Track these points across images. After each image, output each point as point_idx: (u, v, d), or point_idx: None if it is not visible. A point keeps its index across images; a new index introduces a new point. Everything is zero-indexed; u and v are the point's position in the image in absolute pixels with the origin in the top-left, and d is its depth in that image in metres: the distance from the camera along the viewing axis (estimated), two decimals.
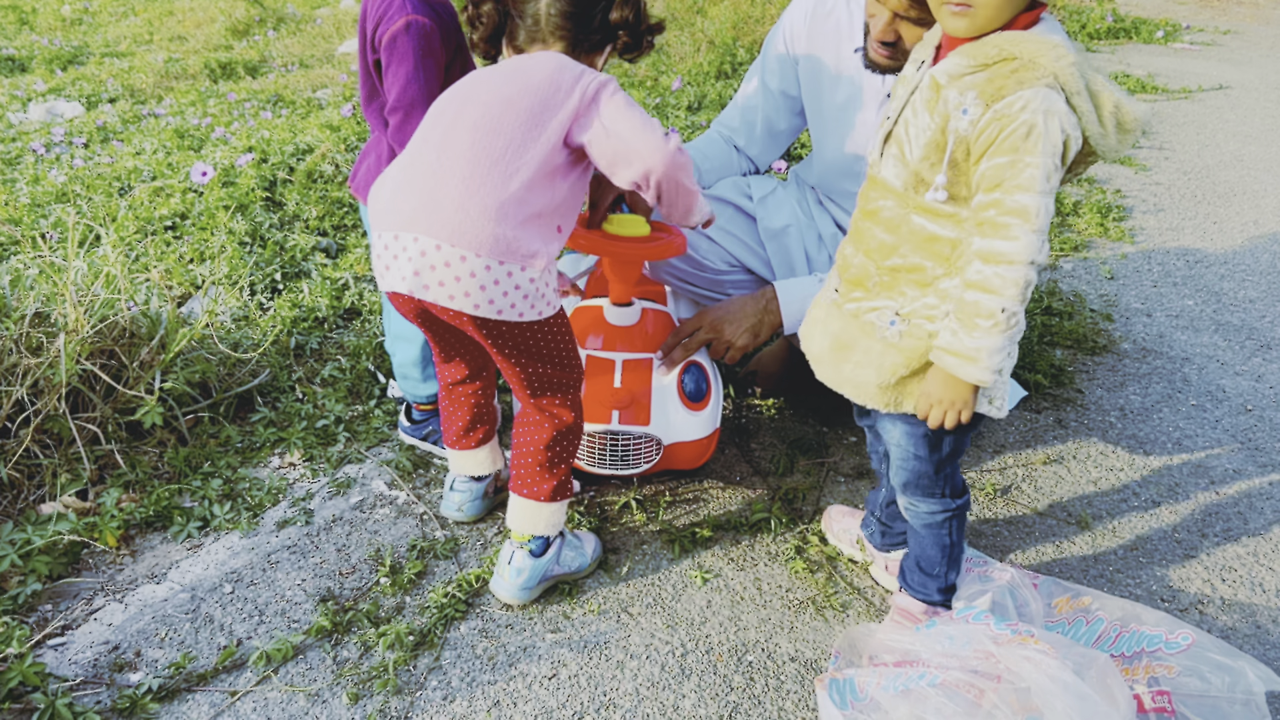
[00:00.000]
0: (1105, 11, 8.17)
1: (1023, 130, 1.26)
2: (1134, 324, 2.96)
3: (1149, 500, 2.15)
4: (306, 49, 7.46)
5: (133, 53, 7.64)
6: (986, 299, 1.31)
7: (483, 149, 1.49)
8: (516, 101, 1.53)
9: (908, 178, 1.39)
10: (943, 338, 1.38)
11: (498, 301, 1.49)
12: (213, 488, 2.08)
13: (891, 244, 1.43)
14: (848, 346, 1.51)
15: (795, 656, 1.71)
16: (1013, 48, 1.28)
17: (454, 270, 1.47)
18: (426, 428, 2.23)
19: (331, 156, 3.82)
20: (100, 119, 5.19)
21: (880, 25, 1.87)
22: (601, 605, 1.81)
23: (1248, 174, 4.42)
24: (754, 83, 2.30)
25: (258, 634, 1.73)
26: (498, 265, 1.47)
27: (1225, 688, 1.48)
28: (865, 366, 1.49)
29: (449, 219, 1.47)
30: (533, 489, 1.74)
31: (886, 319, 1.46)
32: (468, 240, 1.46)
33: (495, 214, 1.46)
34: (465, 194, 1.47)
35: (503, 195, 1.47)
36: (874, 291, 1.47)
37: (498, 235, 1.46)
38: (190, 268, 2.97)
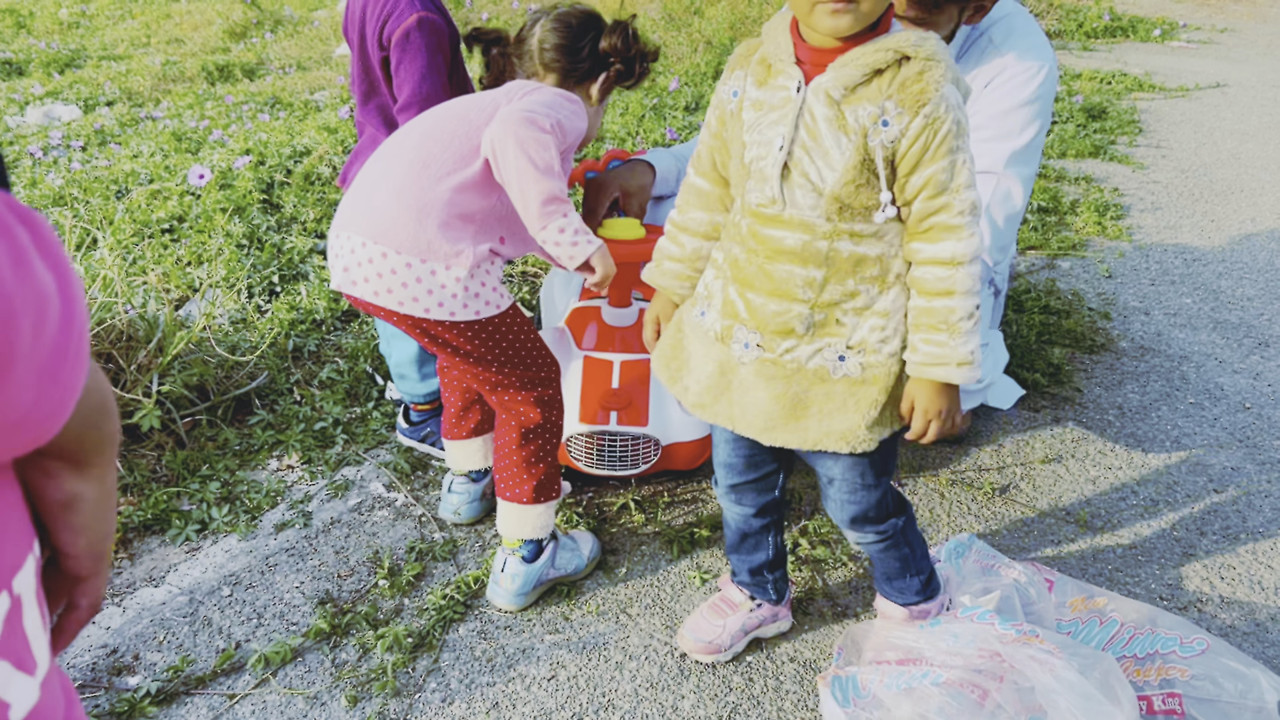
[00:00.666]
0: (1102, 10, 8.17)
1: (953, 130, 1.22)
2: (1132, 322, 2.96)
3: (1147, 499, 2.15)
4: (304, 51, 7.46)
5: (130, 56, 7.63)
6: (959, 302, 1.27)
7: (420, 153, 1.54)
8: (466, 114, 1.58)
9: (826, 206, 1.28)
10: (925, 351, 1.30)
11: (422, 300, 1.52)
12: (211, 491, 2.08)
13: (821, 278, 1.31)
14: (801, 401, 1.36)
15: (794, 656, 1.71)
16: (905, 47, 1.22)
17: (376, 267, 1.52)
18: (425, 429, 2.22)
19: (329, 158, 3.82)
20: (98, 122, 5.19)
21: None
22: (600, 606, 1.81)
23: (1245, 172, 4.42)
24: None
25: (256, 637, 1.73)
26: (419, 263, 1.51)
27: (1237, 695, 1.47)
28: (840, 413, 1.36)
29: (376, 218, 1.53)
30: (514, 491, 1.74)
31: (835, 356, 1.34)
32: (389, 238, 1.51)
33: (417, 213, 1.50)
34: (394, 195, 1.52)
35: (428, 196, 1.51)
36: (810, 334, 1.34)
37: (417, 234, 1.50)
38: (188, 270, 2.97)
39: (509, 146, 1.45)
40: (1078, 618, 1.70)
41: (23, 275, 0.45)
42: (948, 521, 2.06)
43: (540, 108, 1.52)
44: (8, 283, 0.43)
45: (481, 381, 1.70)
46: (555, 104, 1.56)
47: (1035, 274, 3.27)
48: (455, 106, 1.61)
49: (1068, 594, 1.76)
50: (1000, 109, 1.98)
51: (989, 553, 1.83)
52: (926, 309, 1.29)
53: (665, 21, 7.45)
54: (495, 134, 1.48)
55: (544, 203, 1.47)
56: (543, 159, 1.46)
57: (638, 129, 4.37)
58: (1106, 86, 5.94)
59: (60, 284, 0.49)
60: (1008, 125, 1.98)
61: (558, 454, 1.77)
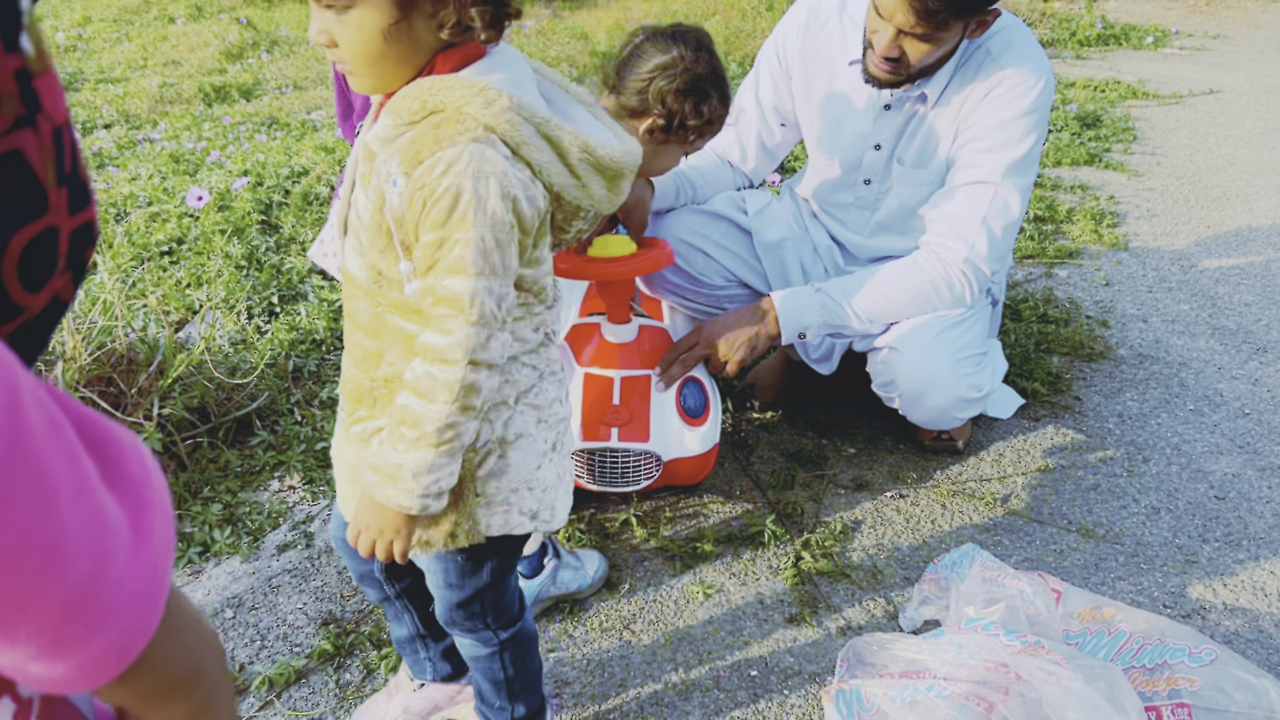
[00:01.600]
0: (1095, 18, 8.22)
1: (448, 200, 0.99)
2: (1130, 330, 2.97)
3: (1149, 506, 2.15)
4: (300, 71, 7.49)
5: (127, 78, 7.66)
6: (418, 404, 1.04)
7: None
8: None
9: (369, 271, 1.11)
10: (373, 452, 1.10)
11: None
12: (213, 513, 2.08)
13: (376, 350, 1.14)
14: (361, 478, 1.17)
15: (799, 670, 1.70)
16: (435, 98, 1.02)
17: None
18: None
19: (326, 178, 3.83)
20: (96, 145, 5.21)
21: (884, 41, 1.89)
22: (603, 623, 1.81)
23: (1240, 178, 4.44)
24: (747, 98, 2.30)
25: (260, 659, 1.73)
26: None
27: (1246, 705, 1.47)
28: None
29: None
30: None
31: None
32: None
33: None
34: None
35: None
36: (377, 408, 1.17)
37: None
38: (187, 292, 2.98)
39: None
40: (1086, 628, 1.70)
41: (79, 509, 0.42)
42: (949, 532, 2.06)
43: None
44: (56, 519, 0.40)
45: None
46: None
47: (1033, 283, 3.28)
48: None
49: (1076, 604, 1.76)
50: (998, 120, 1.99)
51: (993, 563, 1.83)
52: (399, 404, 1.06)
53: None
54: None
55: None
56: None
57: None
58: (1100, 94, 5.96)
59: (135, 519, 0.46)
60: (1005, 136, 1.99)
61: None
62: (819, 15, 2.14)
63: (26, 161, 0.44)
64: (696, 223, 2.25)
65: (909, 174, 2.13)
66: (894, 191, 2.17)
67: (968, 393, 2.06)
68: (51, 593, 0.41)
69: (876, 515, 2.12)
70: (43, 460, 0.40)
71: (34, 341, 0.49)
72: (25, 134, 0.43)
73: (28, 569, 0.39)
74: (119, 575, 0.44)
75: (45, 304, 0.48)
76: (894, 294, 2.05)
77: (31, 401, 0.40)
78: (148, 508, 0.48)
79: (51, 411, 0.42)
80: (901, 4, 1.80)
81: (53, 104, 0.46)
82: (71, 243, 0.49)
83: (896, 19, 1.83)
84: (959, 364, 2.03)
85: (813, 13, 2.15)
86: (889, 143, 2.12)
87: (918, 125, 2.08)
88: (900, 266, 2.07)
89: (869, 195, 2.22)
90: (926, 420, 2.14)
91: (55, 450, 0.41)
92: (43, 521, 0.39)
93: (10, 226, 0.44)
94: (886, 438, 2.40)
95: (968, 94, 2.01)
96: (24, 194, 0.44)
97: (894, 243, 2.23)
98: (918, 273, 2.04)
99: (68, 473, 0.41)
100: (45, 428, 0.40)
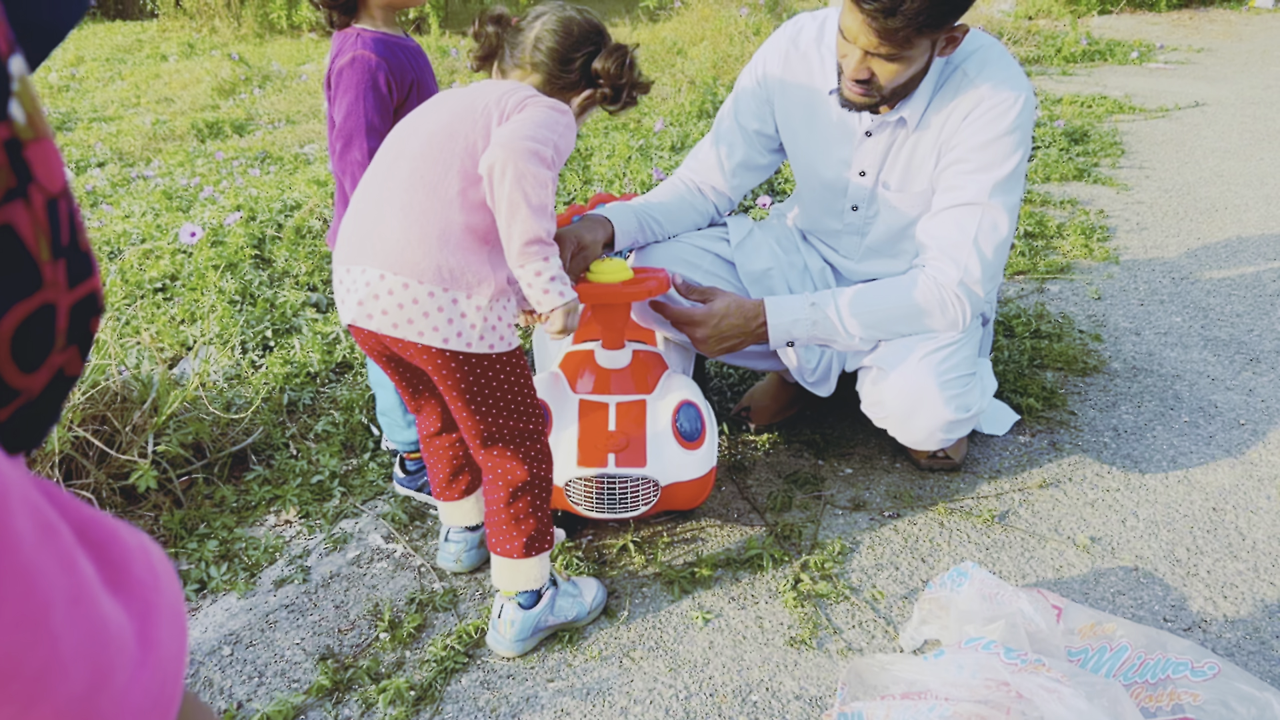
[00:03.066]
0: (1080, 35, 8.29)
1: None
2: (1123, 343, 2.97)
3: (1147, 520, 2.15)
4: (292, 105, 7.54)
5: (120, 116, 7.70)
6: None
7: (420, 177, 1.52)
8: (456, 130, 1.54)
9: None
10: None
11: (442, 329, 1.50)
12: (209, 549, 2.07)
13: None
14: None
15: (800, 694, 1.70)
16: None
17: (397, 298, 1.49)
18: (421, 478, 2.23)
19: (319, 211, 3.85)
20: (89, 183, 5.23)
21: (853, 64, 1.90)
22: (603, 651, 1.80)
23: (1228, 189, 4.46)
24: (728, 122, 2.30)
25: (258, 696, 1.72)
26: (441, 292, 1.49)
27: (1251, 719, 1.46)
28: None
29: (390, 248, 1.50)
30: (505, 547, 1.72)
31: None
32: (410, 268, 1.49)
33: (436, 241, 1.49)
34: (405, 222, 1.50)
35: (442, 222, 1.49)
36: None
37: (439, 262, 1.48)
38: (181, 329, 2.98)
39: (507, 177, 1.44)
40: (1087, 644, 1.69)
41: (75, 620, 0.39)
42: (948, 550, 2.06)
43: (540, 132, 1.48)
44: (48, 634, 0.37)
45: (474, 432, 1.67)
46: (551, 123, 1.52)
47: (1025, 298, 3.29)
48: (438, 121, 1.58)
49: (1077, 621, 1.75)
50: (980, 140, 2.00)
51: (992, 581, 1.82)
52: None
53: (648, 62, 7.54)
54: (496, 159, 1.45)
55: (527, 243, 1.47)
56: (538, 197, 1.45)
57: (625, 170, 4.40)
58: (1087, 110, 6.01)
59: (141, 627, 0.43)
60: (989, 156, 2.00)
61: (548, 507, 1.76)
62: (799, 45, 2.16)
63: (18, 236, 0.42)
64: (684, 253, 2.25)
65: (895, 198, 2.14)
66: (882, 216, 2.18)
67: (955, 414, 2.05)
68: (42, 714, 0.38)
69: (874, 535, 2.12)
70: (33, 571, 0.37)
71: (39, 421, 0.47)
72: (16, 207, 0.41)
73: (16, 691, 0.37)
74: (122, 691, 0.41)
75: (47, 382, 0.46)
76: (888, 313, 2.05)
77: (20, 508, 0.37)
78: (155, 614, 0.45)
79: (45, 516, 0.39)
80: (863, 26, 1.81)
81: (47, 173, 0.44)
82: (73, 316, 0.46)
83: (860, 41, 1.85)
84: (946, 385, 2.03)
85: (793, 43, 2.17)
86: (873, 169, 2.14)
87: (899, 149, 2.09)
88: (896, 285, 2.06)
89: (857, 221, 2.23)
90: (915, 441, 2.14)
91: (48, 558, 0.38)
92: (32, 639, 0.37)
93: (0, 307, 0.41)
94: (883, 457, 2.40)
95: (947, 116, 2.02)
96: (16, 271, 0.42)
97: (886, 266, 2.24)
98: (913, 292, 2.04)
99: (62, 582, 0.39)
100: (36, 535, 0.38)
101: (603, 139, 5.11)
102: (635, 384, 2.04)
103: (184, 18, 12.62)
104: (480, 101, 1.57)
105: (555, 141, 1.50)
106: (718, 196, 2.36)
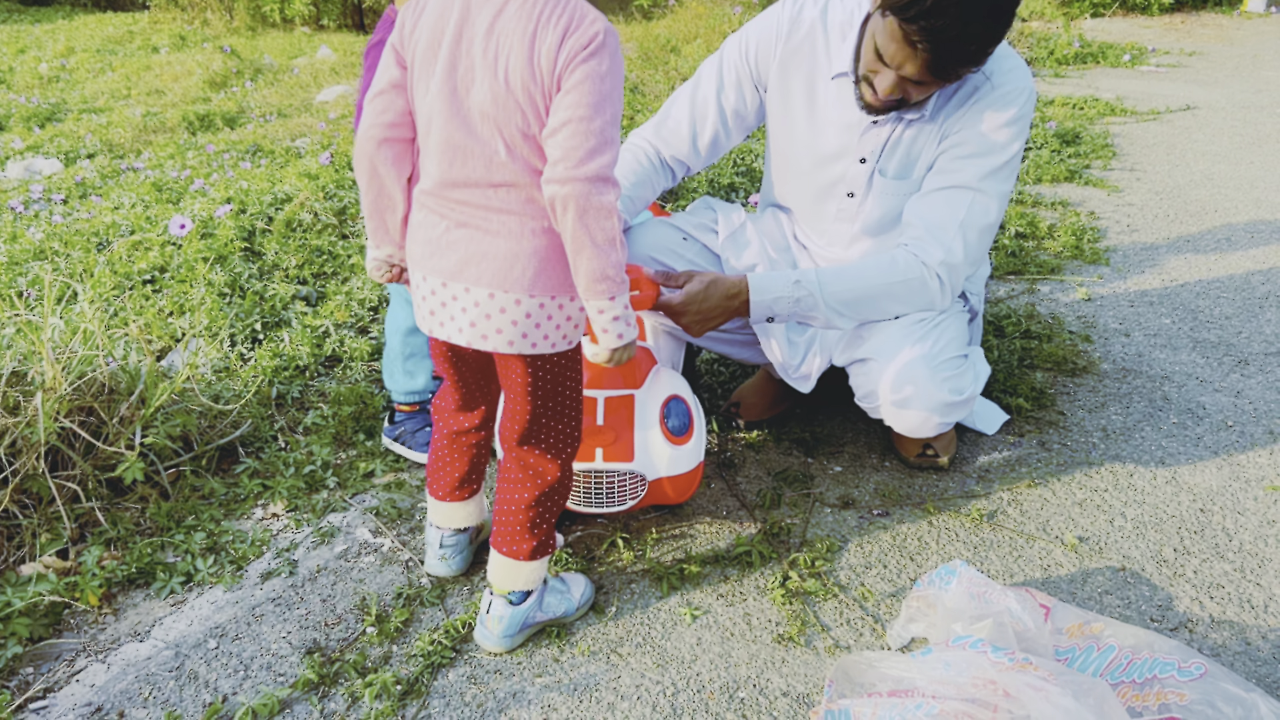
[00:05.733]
0: (1072, 37, 8.31)
1: None
2: (1113, 344, 2.98)
3: (1134, 520, 2.15)
4: (284, 98, 7.51)
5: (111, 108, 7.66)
6: None
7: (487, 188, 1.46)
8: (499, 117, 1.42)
9: None
10: None
11: (552, 336, 1.52)
12: (196, 542, 2.06)
13: None
14: None
15: (787, 691, 1.69)
16: None
17: (497, 320, 1.48)
18: (399, 429, 2.33)
19: (310, 204, 3.83)
20: (79, 175, 5.20)
21: (886, 84, 1.89)
22: (591, 647, 1.80)
23: (1218, 192, 4.48)
24: (707, 95, 2.22)
25: (243, 689, 1.71)
26: (549, 300, 1.48)
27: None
28: None
29: (487, 265, 1.46)
30: (513, 547, 1.71)
31: None
32: (515, 284, 1.46)
33: (531, 250, 1.46)
34: (488, 236, 1.46)
35: (525, 228, 1.46)
36: None
37: (539, 270, 1.46)
38: (170, 321, 2.96)
39: (569, 214, 1.38)
40: (1075, 644, 1.69)
41: None
42: (936, 549, 2.06)
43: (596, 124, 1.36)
44: None
45: (522, 426, 1.65)
46: (609, 92, 1.38)
47: (1015, 299, 3.30)
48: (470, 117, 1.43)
49: (1065, 620, 1.75)
50: (981, 127, 1.99)
51: (980, 580, 1.82)
52: None
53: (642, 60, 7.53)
54: (557, 196, 1.37)
55: (593, 279, 1.43)
56: (604, 233, 1.40)
57: None
58: (1079, 112, 6.02)
59: None
60: (987, 143, 1.99)
61: (558, 514, 1.76)
62: (800, 26, 2.11)
63: None
64: (670, 240, 2.24)
65: (891, 185, 2.13)
66: (875, 203, 2.17)
67: (949, 396, 2.05)
68: None
69: (863, 533, 2.12)
70: None
71: None
72: None
73: None
74: None
75: None
76: (868, 291, 2.01)
77: None
78: None
79: None
80: (911, 58, 1.80)
81: None
82: None
83: (904, 70, 1.84)
84: (938, 368, 2.03)
85: (794, 22, 2.12)
86: (873, 156, 2.12)
87: (901, 137, 2.08)
88: (878, 264, 2.03)
89: (851, 208, 2.20)
90: (910, 428, 2.13)
91: None
92: None
93: None
94: (872, 455, 2.41)
95: (952, 104, 2.02)
96: None
97: (874, 250, 2.22)
98: (893, 269, 2.02)
99: None
100: None
101: None
102: (623, 378, 2.04)
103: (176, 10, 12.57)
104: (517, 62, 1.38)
105: (615, 110, 1.38)
106: (677, 166, 2.30)
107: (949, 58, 1.79)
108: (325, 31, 11.72)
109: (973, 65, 1.84)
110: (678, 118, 2.26)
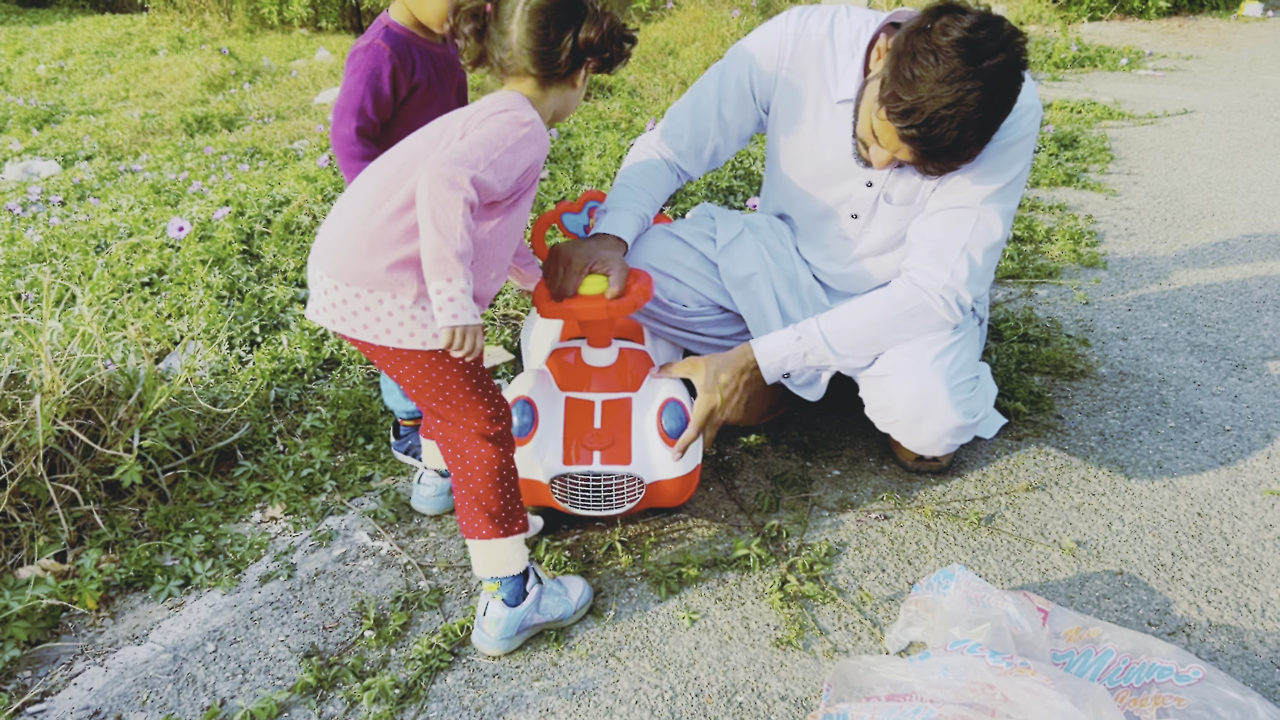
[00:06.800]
0: (1070, 41, 8.32)
1: None
2: (1110, 348, 2.99)
3: (1132, 524, 2.15)
4: (283, 101, 7.51)
5: (109, 110, 7.66)
6: None
7: (378, 191, 1.58)
8: (421, 153, 1.60)
9: None
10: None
11: (371, 326, 1.59)
12: (194, 545, 2.06)
13: None
14: None
15: (785, 695, 1.70)
16: None
17: (330, 298, 1.60)
18: (408, 442, 2.32)
19: (308, 207, 3.83)
20: (77, 177, 5.20)
21: (881, 159, 1.91)
22: (589, 650, 1.80)
23: (1215, 196, 4.49)
24: (709, 108, 2.22)
25: (241, 693, 1.71)
26: (366, 293, 1.57)
27: None
28: None
29: (332, 253, 1.59)
30: (471, 527, 1.73)
31: None
32: (341, 272, 1.57)
33: (367, 251, 1.55)
34: (348, 231, 1.58)
35: (379, 236, 1.55)
36: None
37: (364, 269, 1.55)
38: (168, 323, 2.96)
39: (421, 199, 1.49)
40: (1073, 648, 1.69)
41: None
42: (934, 553, 2.06)
43: (475, 153, 1.52)
44: None
45: (429, 412, 1.73)
46: (497, 141, 1.55)
47: (1013, 302, 3.30)
48: (419, 140, 1.64)
49: (1063, 624, 1.76)
50: (989, 148, 1.98)
51: (978, 584, 1.82)
52: None
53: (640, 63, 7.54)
54: (420, 180, 1.51)
55: (433, 260, 1.50)
56: (445, 220, 1.48)
57: (615, 169, 4.40)
58: (1077, 115, 6.03)
59: None
60: (993, 163, 1.98)
61: (513, 490, 1.75)
62: (807, 40, 2.09)
63: None
64: (668, 248, 2.24)
65: (897, 211, 2.12)
66: (879, 226, 2.16)
67: (963, 419, 2.05)
68: None
69: (861, 537, 2.12)
70: None
71: None
72: None
73: None
74: None
75: None
76: (874, 328, 2.05)
77: None
78: None
79: None
80: (906, 152, 1.83)
81: None
82: None
83: (900, 155, 1.85)
84: (956, 389, 2.03)
85: (799, 38, 2.09)
86: (880, 180, 2.11)
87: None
88: (879, 300, 2.06)
89: (855, 229, 2.20)
90: (921, 446, 2.14)
91: None
92: None
93: None
94: (870, 459, 2.41)
95: None
96: None
97: (876, 267, 2.23)
98: (892, 303, 2.04)
99: None
100: None
101: (593, 138, 5.10)
102: (621, 382, 2.04)
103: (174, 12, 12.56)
104: (457, 120, 1.63)
105: (495, 160, 1.53)
106: (683, 174, 2.32)
107: (944, 158, 1.82)
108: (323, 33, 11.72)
109: (969, 161, 1.87)
110: (680, 127, 2.26)
